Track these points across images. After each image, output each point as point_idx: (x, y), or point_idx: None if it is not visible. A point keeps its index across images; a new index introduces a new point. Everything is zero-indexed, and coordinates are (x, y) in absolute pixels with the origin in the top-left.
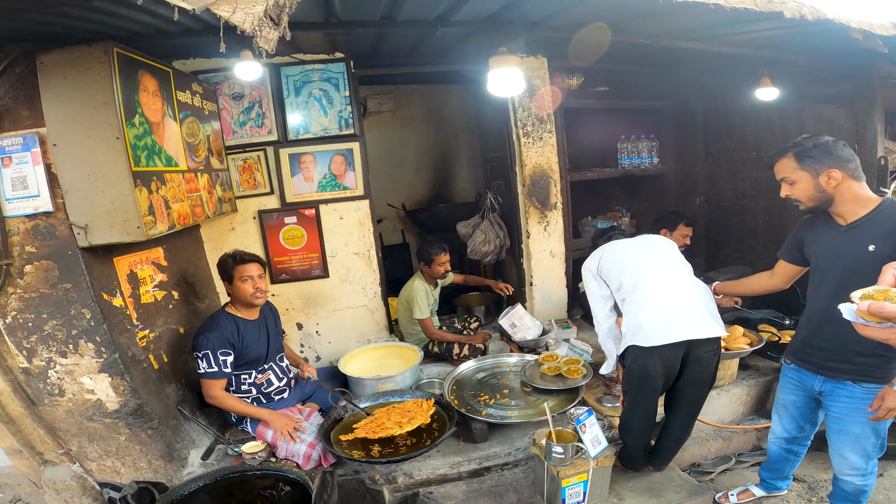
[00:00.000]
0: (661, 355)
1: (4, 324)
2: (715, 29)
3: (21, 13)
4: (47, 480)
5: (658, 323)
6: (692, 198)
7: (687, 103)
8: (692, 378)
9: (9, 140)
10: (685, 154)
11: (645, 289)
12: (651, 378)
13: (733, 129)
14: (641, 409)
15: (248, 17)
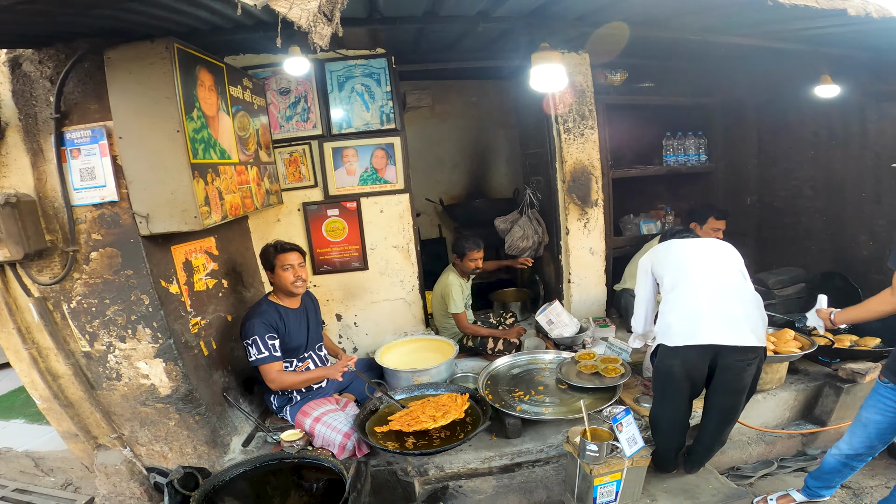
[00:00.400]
0: (684, 357)
1: (69, 308)
2: (771, 25)
3: (91, 8)
4: (99, 465)
5: (685, 324)
6: (742, 196)
7: (739, 100)
8: (722, 385)
9: (78, 133)
10: (736, 152)
11: (681, 289)
12: (674, 379)
13: (790, 126)
14: (666, 409)
15: (304, 14)
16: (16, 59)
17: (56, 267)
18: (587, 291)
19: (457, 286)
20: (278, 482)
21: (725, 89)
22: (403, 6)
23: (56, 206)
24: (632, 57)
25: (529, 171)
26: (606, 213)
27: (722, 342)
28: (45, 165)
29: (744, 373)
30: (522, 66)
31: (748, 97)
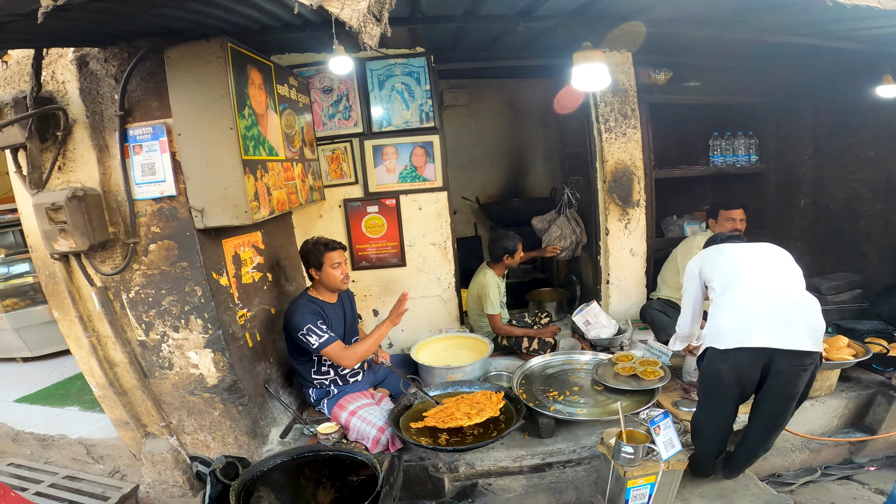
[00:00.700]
0: (734, 361)
1: (128, 298)
2: (830, 25)
3: (154, 6)
4: (147, 452)
5: (736, 326)
6: (795, 198)
7: (794, 99)
8: (772, 391)
9: (140, 129)
10: (789, 152)
11: (733, 292)
12: (722, 383)
13: (848, 127)
14: (711, 414)
15: (355, 14)
16: (83, 58)
17: (117, 258)
18: (626, 293)
19: (493, 287)
20: (311, 474)
21: (779, 88)
22: (444, 5)
23: (119, 200)
24: (677, 55)
25: (568, 170)
26: (648, 213)
27: (776, 346)
28: (109, 161)
29: (797, 378)
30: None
31: (804, 97)
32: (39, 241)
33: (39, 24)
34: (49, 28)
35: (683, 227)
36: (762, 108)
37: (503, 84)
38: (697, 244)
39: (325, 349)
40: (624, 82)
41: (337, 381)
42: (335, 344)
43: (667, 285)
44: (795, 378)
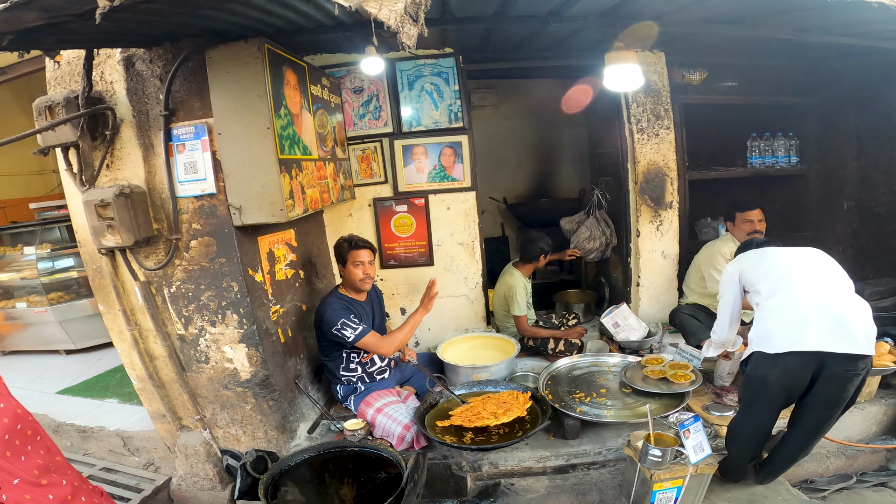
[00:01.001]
0: (785, 365)
1: (169, 293)
2: (876, 25)
3: (198, 8)
4: (181, 445)
5: (787, 330)
6: (837, 201)
7: (837, 100)
8: (820, 396)
9: (183, 129)
10: (832, 154)
11: (781, 294)
12: (769, 388)
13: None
14: (753, 420)
15: (393, 15)
16: (129, 59)
17: (160, 253)
18: (657, 296)
19: (521, 288)
20: (336, 469)
21: (822, 89)
22: (474, 6)
23: (163, 198)
24: (713, 55)
25: (598, 171)
26: (681, 215)
27: (830, 349)
28: (154, 159)
29: (849, 383)
30: (593, 66)
31: (848, 97)
32: (87, 236)
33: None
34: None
35: (718, 229)
36: (804, 108)
37: (531, 84)
38: (719, 249)
39: (360, 340)
40: (657, 82)
41: (364, 379)
42: (370, 335)
43: (693, 292)
44: (847, 383)
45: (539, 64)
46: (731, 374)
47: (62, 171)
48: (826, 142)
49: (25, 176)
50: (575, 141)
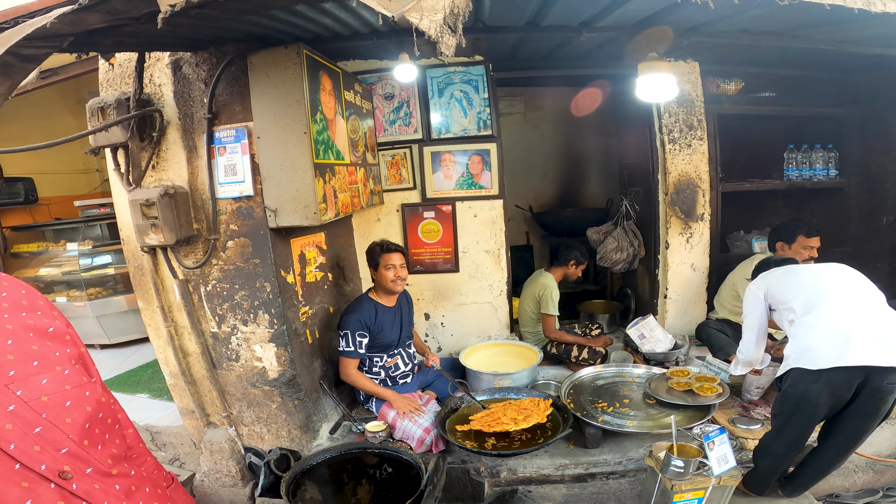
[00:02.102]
0: (828, 381)
1: (205, 291)
2: None
3: (244, 14)
4: (207, 441)
5: (831, 345)
6: (877, 216)
7: (881, 111)
8: (861, 410)
9: (225, 132)
10: (873, 167)
11: (820, 310)
12: (809, 404)
13: None
14: (788, 435)
15: (433, 25)
16: (177, 62)
17: (199, 253)
18: (685, 309)
19: (555, 289)
20: (355, 470)
21: (863, 100)
22: (507, 16)
23: (203, 198)
24: (749, 65)
25: (627, 181)
26: (713, 228)
27: (875, 363)
28: (197, 161)
29: (889, 396)
30: (625, 75)
31: (890, 108)
32: (131, 234)
33: (146, 27)
34: (155, 32)
35: (751, 242)
36: (844, 119)
37: (559, 92)
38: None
39: (343, 357)
40: (690, 92)
41: (387, 382)
42: (353, 360)
43: (724, 308)
44: (888, 396)
45: (569, 72)
46: (759, 389)
47: (110, 170)
48: (867, 154)
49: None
50: (603, 150)
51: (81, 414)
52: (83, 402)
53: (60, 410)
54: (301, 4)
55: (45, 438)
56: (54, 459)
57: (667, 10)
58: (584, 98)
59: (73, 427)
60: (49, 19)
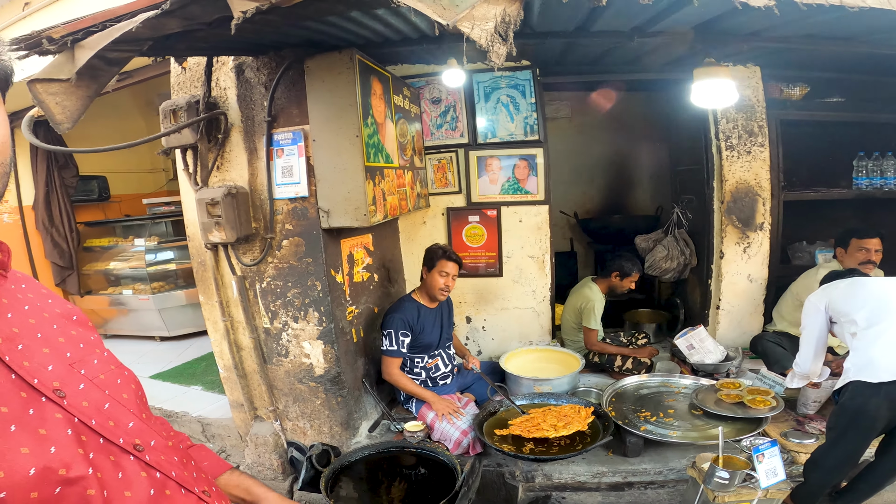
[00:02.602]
0: (888, 394)
1: (260, 288)
2: None
3: (304, 19)
4: (252, 434)
5: (893, 359)
6: None
7: None
8: None
9: (283, 135)
10: None
11: (884, 324)
12: (867, 417)
13: None
14: (842, 449)
15: (484, 34)
16: (240, 66)
17: (256, 251)
18: (738, 321)
19: (600, 303)
20: (390, 468)
21: None
22: (556, 22)
23: (262, 199)
24: (816, 69)
25: (679, 188)
26: (773, 238)
27: None
28: (257, 163)
29: None
30: (678, 80)
31: None
32: (196, 231)
33: (216, 32)
34: (223, 37)
35: (815, 254)
36: None
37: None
38: (820, 278)
39: (385, 357)
40: (750, 97)
41: (427, 383)
42: (396, 359)
43: (784, 319)
44: None
45: (618, 77)
46: (816, 403)
47: (179, 170)
48: None
49: (138, 173)
50: (654, 156)
51: (131, 392)
52: (127, 381)
53: (116, 388)
54: (355, 10)
55: (113, 414)
56: (127, 433)
57: (725, 15)
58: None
59: (131, 403)
60: (135, 24)
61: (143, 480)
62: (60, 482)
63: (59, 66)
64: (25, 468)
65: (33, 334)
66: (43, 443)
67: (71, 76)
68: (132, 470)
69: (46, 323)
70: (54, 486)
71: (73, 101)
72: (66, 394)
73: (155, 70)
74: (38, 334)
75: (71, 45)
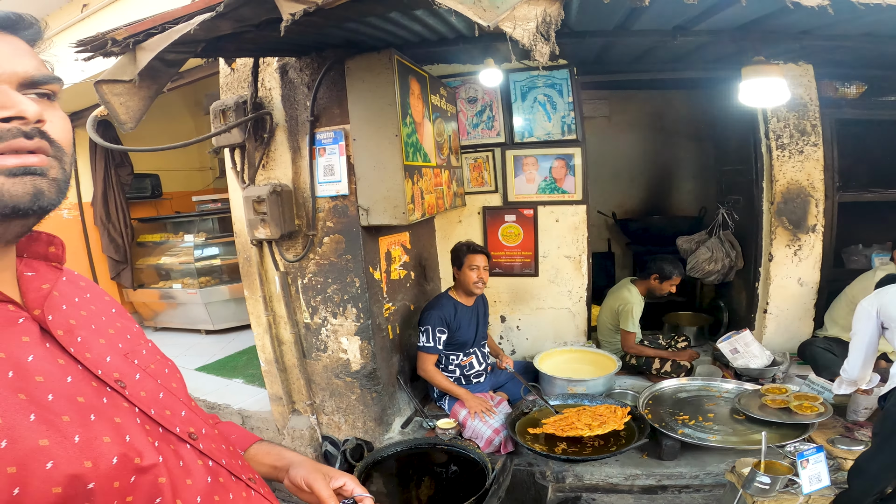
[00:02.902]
0: None
1: (301, 283)
2: None
3: (345, 21)
4: (289, 428)
5: None
6: None
7: None
8: None
9: (324, 134)
10: None
11: None
12: None
13: None
14: (887, 455)
15: (526, 34)
16: (284, 67)
17: (298, 247)
18: (786, 325)
19: (637, 304)
20: (420, 464)
21: None
22: (595, 22)
23: (305, 196)
24: (873, 67)
25: (725, 188)
26: (826, 240)
27: None
28: (300, 161)
29: None
30: (723, 78)
31: None
32: (243, 228)
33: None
34: (268, 38)
35: (871, 258)
36: None
37: (647, 95)
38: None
39: (421, 353)
40: (802, 96)
41: (461, 380)
42: (432, 356)
43: (836, 324)
44: None
45: (659, 76)
46: (867, 410)
47: (228, 168)
48: None
49: (187, 171)
50: (697, 156)
51: (179, 381)
52: (173, 370)
53: (166, 377)
54: (394, 11)
55: (168, 404)
56: (182, 422)
57: (776, 13)
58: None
59: (180, 392)
60: (192, 26)
61: (201, 468)
62: (135, 471)
63: (122, 67)
64: (109, 457)
65: (88, 325)
66: (120, 432)
67: (133, 77)
68: (190, 458)
69: (96, 315)
70: (130, 475)
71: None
72: (126, 384)
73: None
74: (92, 325)
75: (133, 46)
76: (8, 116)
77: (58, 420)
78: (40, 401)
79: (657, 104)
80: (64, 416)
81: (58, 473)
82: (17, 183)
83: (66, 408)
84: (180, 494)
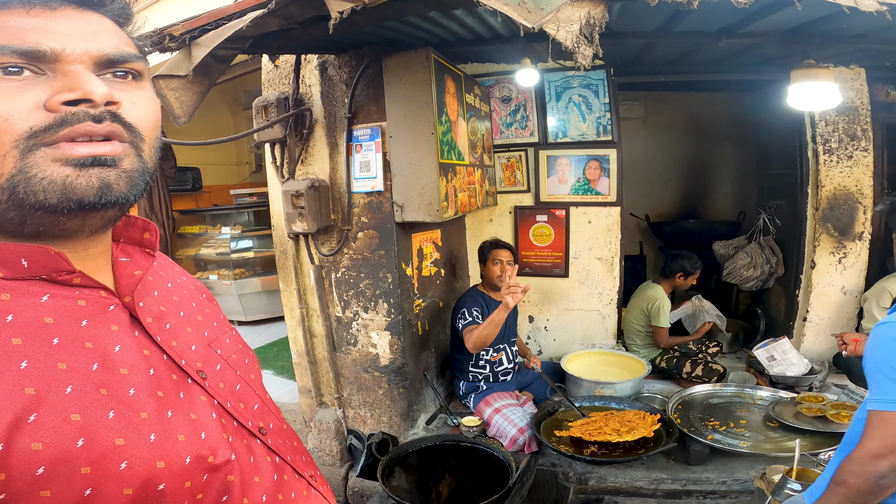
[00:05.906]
0: None
1: (335, 277)
2: None
3: (385, 19)
4: (316, 420)
5: None
6: None
7: None
8: None
9: (361, 131)
10: None
11: None
12: None
13: None
14: None
15: (569, 36)
16: (323, 65)
17: (333, 242)
18: (827, 334)
19: (667, 301)
20: (443, 461)
21: None
22: (635, 23)
23: (341, 192)
24: None
25: (767, 193)
26: (874, 248)
27: None
28: (337, 157)
29: None
30: (768, 80)
31: None
32: (280, 221)
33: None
34: (311, 36)
35: None
36: None
37: (685, 97)
38: (889, 286)
39: (464, 331)
40: (853, 100)
41: (489, 378)
42: (473, 329)
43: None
44: None
45: (700, 78)
46: None
47: (268, 163)
48: None
49: (226, 166)
50: (736, 159)
51: (256, 372)
52: (253, 361)
53: (245, 368)
54: (433, 10)
55: (243, 396)
56: (254, 416)
57: (828, 17)
58: None
59: (256, 384)
60: (244, 22)
61: (269, 465)
62: (208, 469)
63: (177, 62)
64: (182, 457)
65: (177, 312)
66: (195, 429)
67: (188, 72)
68: (260, 454)
69: (186, 300)
70: (203, 474)
71: (190, 96)
72: (207, 375)
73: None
74: (181, 312)
75: (188, 42)
76: (74, 99)
77: (136, 417)
78: (121, 396)
79: (694, 106)
80: (142, 413)
81: (131, 475)
82: (82, 176)
83: (145, 403)
84: (248, 493)
